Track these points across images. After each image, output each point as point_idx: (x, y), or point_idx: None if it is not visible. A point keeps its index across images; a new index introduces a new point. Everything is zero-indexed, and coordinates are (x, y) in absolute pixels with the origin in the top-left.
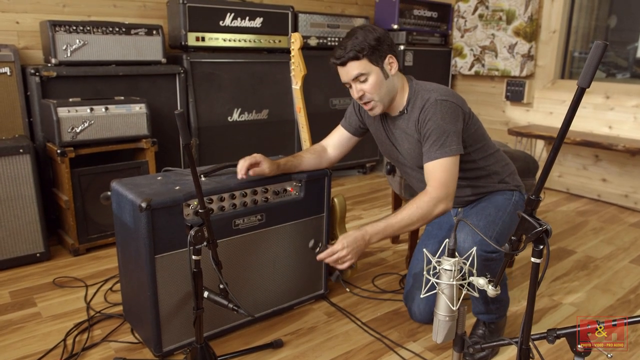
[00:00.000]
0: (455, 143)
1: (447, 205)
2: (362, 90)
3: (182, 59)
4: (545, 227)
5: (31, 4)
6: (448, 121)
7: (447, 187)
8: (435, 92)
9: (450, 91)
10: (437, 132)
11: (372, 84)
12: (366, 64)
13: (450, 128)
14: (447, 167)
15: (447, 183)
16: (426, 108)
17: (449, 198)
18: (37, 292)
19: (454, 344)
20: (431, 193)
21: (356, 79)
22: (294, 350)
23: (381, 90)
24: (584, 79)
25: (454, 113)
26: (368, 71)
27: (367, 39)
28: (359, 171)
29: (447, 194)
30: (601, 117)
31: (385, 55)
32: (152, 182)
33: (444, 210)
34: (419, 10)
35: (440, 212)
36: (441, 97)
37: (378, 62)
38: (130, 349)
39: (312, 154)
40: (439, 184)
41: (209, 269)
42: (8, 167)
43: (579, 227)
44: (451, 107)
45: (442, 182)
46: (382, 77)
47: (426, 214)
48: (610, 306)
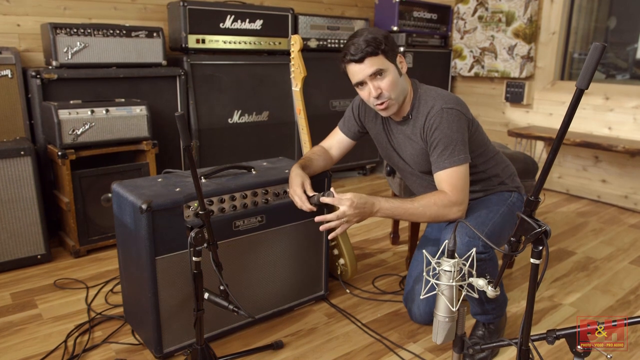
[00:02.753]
0: (463, 152)
1: (461, 212)
2: (379, 88)
3: (183, 61)
4: (544, 228)
5: (32, 7)
6: (455, 130)
7: (464, 193)
8: (440, 99)
9: (454, 98)
10: (445, 142)
11: (390, 81)
12: (384, 60)
13: (457, 137)
14: (458, 175)
15: (462, 189)
16: (432, 116)
17: (464, 205)
18: (38, 293)
19: (454, 345)
20: (450, 196)
21: (374, 76)
22: (294, 352)
23: (397, 88)
24: (582, 80)
25: (459, 121)
26: (386, 67)
27: (379, 36)
28: (359, 172)
29: (464, 199)
30: (601, 118)
31: (397, 53)
32: (152, 184)
33: (458, 217)
34: (419, 12)
35: (454, 216)
36: (447, 105)
37: (393, 59)
38: (131, 351)
39: (319, 156)
40: (455, 189)
41: (209, 270)
42: (9, 169)
43: (579, 228)
44: (457, 116)
45: (458, 187)
46: (397, 75)
47: (440, 214)
48: (610, 307)
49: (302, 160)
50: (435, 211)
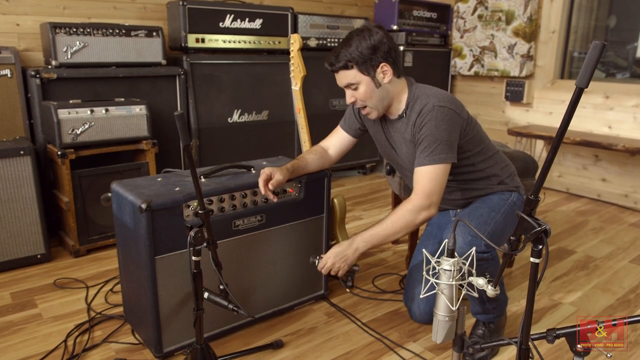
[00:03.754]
0: (445, 152)
1: (430, 213)
2: (353, 97)
3: (182, 60)
4: (544, 227)
5: (32, 6)
6: (442, 129)
7: (431, 197)
8: (434, 97)
9: (449, 97)
10: (429, 139)
11: (363, 93)
12: (356, 74)
13: (442, 136)
14: (434, 175)
15: (431, 192)
16: (423, 113)
17: (433, 206)
18: (38, 293)
19: (454, 344)
20: (414, 201)
21: (348, 86)
22: (294, 351)
23: (372, 98)
24: (582, 79)
25: (450, 120)
26: (358, 81)
27: (359, 48)
28: (359, 172)
29: (431, 202)
30: (601, 117)
31: (378, 64)
32: (152, 184)
33: (427, 218)
34: (419, 11)
35: (422, 219)
36: (439, 103)
37: (369, 72)
38: (131, 350)
39: (314, 155)
40: (422, 193)
41: (209, 269)
42: (9, 169)
43: (579, 227)
44: (448, 114)
45: (426, 191)
46: (372, 86)
47: (409, 223)
48: (610, 306)
49: (295, 159)
50: (404, 222)
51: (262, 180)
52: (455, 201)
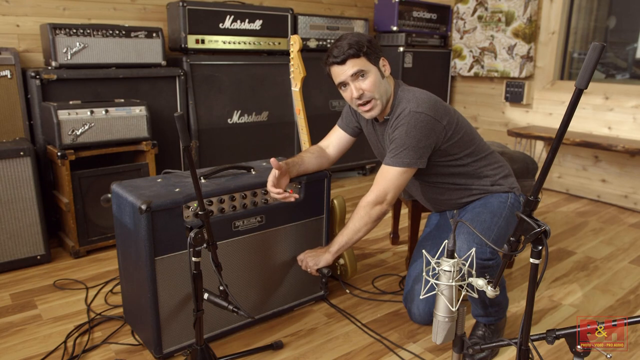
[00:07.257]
0: (410, 157)
1: (383, 208)
2: (361, 89)
3: (182, 61)
4: (543, 228)
5: (32, 7)
6: (412, 135)
7: (385, 194)
8: (414, 102)
9: (430, 102)
10: (397, 142)
11: (372, 81)
12: (365, 62)
13: (410, 142)
14: (393, 176)
15: (386, 190)
16: (400, 118)
17: (386, 202)
18: (38, 294)
19: (454, 344)
20: (367, 198)
21: (355, 77)
22: (294, 352)
23: (380, 88)
24: (581, 80)
25: (424, 128)
26: (368, 69)
27: (362, 39)
28: (359, 172)
29: (384, 199)
30: (600, 118)
31: (379, 56)
32: (152, 184)
33: (381, 212)
34: (418, 12)
35: (377, 214)
36: (417, 109)
37: (375, 62)
38: (131, 351)
39: (312, 154)
40: (377, 190)
41: (208, 270)
42: (9, 170)
43: (579, 228)
44: (424, 121)
45: (381, 188)
46: (379, 76)
47: (367, 220)
48: (610, 307)
49: (293, 158)
50: (362, 219)
51: (272, 178)
52: (449, 201)
